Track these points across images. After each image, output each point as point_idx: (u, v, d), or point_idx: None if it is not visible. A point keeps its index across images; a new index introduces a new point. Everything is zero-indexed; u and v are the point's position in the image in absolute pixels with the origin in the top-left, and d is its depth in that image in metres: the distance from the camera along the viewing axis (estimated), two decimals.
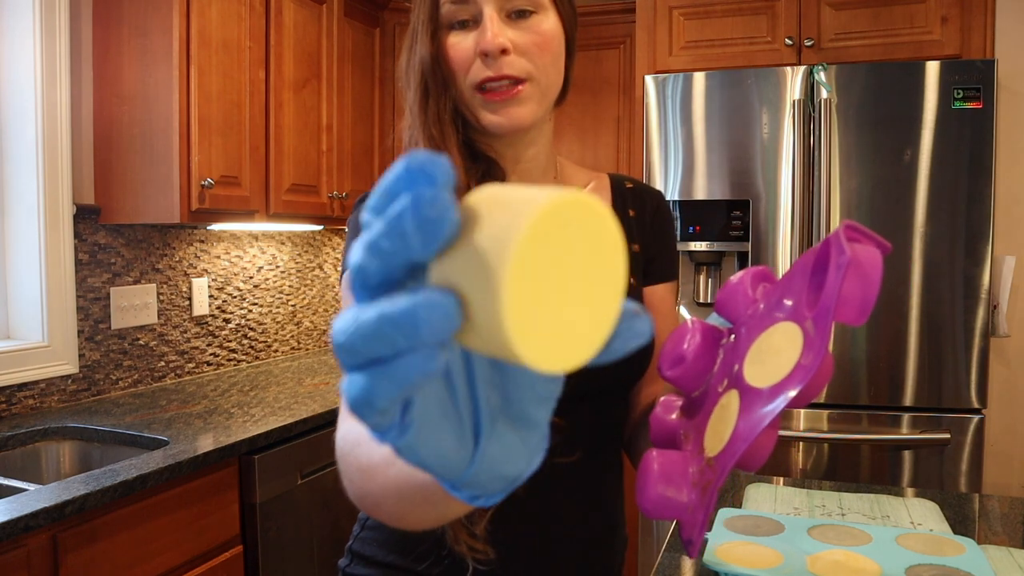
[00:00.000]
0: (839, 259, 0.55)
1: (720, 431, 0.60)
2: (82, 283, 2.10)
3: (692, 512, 0.59)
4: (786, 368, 0.58)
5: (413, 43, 0.80)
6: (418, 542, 0.84)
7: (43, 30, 1.96)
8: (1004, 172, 2.34)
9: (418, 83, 0.78)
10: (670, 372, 0.67)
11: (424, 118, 0.78)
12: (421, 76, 0.79)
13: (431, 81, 0.78)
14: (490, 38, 0.75)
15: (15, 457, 1.78)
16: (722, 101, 2.28)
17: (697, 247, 2.33)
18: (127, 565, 1.49)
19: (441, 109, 0.78)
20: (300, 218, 2.52)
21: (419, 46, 0.79)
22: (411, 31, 0.81)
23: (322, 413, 2.02)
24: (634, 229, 0.94)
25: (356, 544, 0.91)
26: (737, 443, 0.57)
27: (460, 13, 0.77)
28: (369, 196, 0.31)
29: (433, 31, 0.78)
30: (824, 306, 0.55)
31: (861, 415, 2.22)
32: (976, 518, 1.25)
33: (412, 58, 0.80)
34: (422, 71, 0.78)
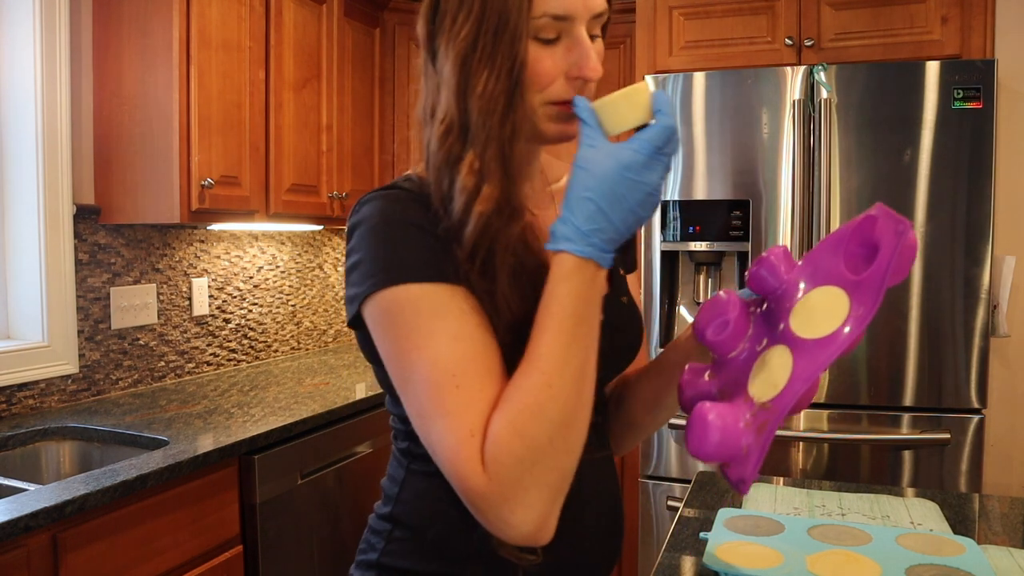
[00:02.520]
0: (898, 227, 0.72)
1: (771, 379, 0.74)
2: (82, 283, 2.10)
3: (747, 453, 0.72)
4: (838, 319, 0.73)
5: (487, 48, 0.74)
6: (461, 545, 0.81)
7: (43, 30, 1.96)
8: (1004, 172, 2.34)
9: (504, 93, 0.74)
10: (714, 337, 0.80)
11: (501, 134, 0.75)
12: (508, 88, 0.75)
13: (517, 96, 0.75)
14: (596, 67, 0.77)
15: (15, 457, 1.78)
16: (722, 101, 2.28)
17: (697, 247, 2.33)
18: (127, 565, 1.49)
19: (519, 129, 0.76)
20: (300, 218, 2.52)
21: (504, 54, 0.74)
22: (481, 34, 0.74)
23: (322, 413, 2.02)
24: None
25: (385, 557, 0.85)
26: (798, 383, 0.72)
27: (551, 30, 0.75)
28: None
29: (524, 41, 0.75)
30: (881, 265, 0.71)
31: (861, 415, 2.22)
32: (976, 518, 1.25)
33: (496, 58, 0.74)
34: (510, 83, 0.75)
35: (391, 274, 0.73)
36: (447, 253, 0.74)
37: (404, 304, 0.72)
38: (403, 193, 0.78)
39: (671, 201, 2.34)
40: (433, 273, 0.73)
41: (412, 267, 0.73)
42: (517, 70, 0.74)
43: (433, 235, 0.75)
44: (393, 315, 0.73)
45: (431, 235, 0.75)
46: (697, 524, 1.21)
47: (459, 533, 0.80)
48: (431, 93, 0.80)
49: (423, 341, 0.71)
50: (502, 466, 0.67)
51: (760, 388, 0.76)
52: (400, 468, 0.86)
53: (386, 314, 0.73)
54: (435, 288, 0.72)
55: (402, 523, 0.85)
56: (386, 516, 0.87)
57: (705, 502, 1.31)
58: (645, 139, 0.70)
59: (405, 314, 0.72)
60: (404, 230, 0.75)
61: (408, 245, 0.74)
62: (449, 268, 0.74)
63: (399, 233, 0.75)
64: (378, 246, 0.74)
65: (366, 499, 2.17)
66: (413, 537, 0.84)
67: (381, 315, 0.74)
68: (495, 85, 0.74)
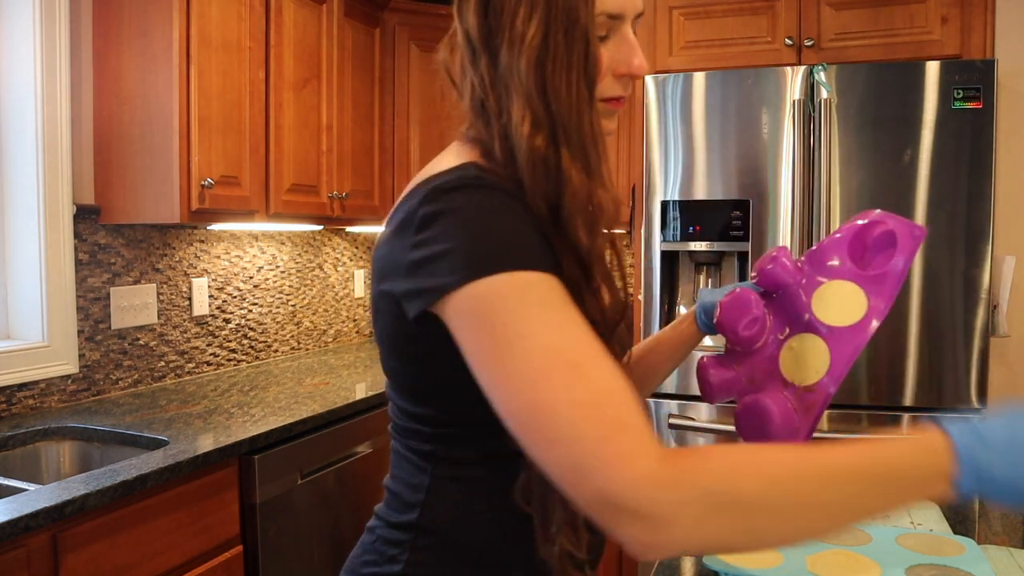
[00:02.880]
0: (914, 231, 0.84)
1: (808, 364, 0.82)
2: (82, 283, 2.10)
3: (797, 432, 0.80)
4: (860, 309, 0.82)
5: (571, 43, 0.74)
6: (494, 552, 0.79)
7: (43, 30, 1.96)
8: (1004, 172, 2.33)
9: (588, 87, 0.75)
10: (746, 332, 0.87)
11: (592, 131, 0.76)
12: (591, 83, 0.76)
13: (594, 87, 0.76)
14: (643, 63, 0.78)
15: (15, 457, 1.78)
16: (722, 101, 2.28)
17: (697, 247, 2.33)
18: (127, 565, 1.49)
19: (595, 114, 0.77)
20: (300, 218, 2.52)
21: (583, 48, 0.75)
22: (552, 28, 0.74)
23: (322, 413, 2.02)
24: None
25: (411, 568, 0.80)
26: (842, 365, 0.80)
27: (604, 28, 0.77)
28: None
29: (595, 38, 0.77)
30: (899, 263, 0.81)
31: (861, 415, 2.22)
32: (976, 518, 1.25)
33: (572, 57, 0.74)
34: (592, 77, 0.76)
35: (490, 262, 0.67)
36: (546, 244, 0.72)
37: (508, 292, 0.66)
38: (493, 180, 0.73)
39: (671, 201, 2.34)
40: (536, 261, 0.69)
41: (514, 254, 0.68)
42: (592, 68, 0.75)
43: (532, 224, 0.71)
44: (494, 305, 0.66)
45: (530, 224, 0.71)
46: None
47: (493, 539, 0.79)
48: (489, 88, 0.77)
49: (533, 330, 0.65)
50: (683, 482, 0.59)
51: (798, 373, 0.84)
52: (421, 473, 0.81)
53: (485, 305, 0.67)
54: (542, 277, 0.68)
55: (428, 531, 0.80)
56: (407, 524, 0.81)
57: None
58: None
59: (509, 302, 0.66)
60: (502, 219, 0.70)
61: (508, 232, 0.69)
62: (550, 259, 0.71)
63: (498, 222, 0.70)
64: (474, 235, 0.68)
65: (366, 499, 2.17)
66: (442, 545, 0.80)
67: (477, 306, 0.67)
68: (577, 84, 0.74)
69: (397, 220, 0.74)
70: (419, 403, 0.80)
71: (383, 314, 0.77)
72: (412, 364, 0.77)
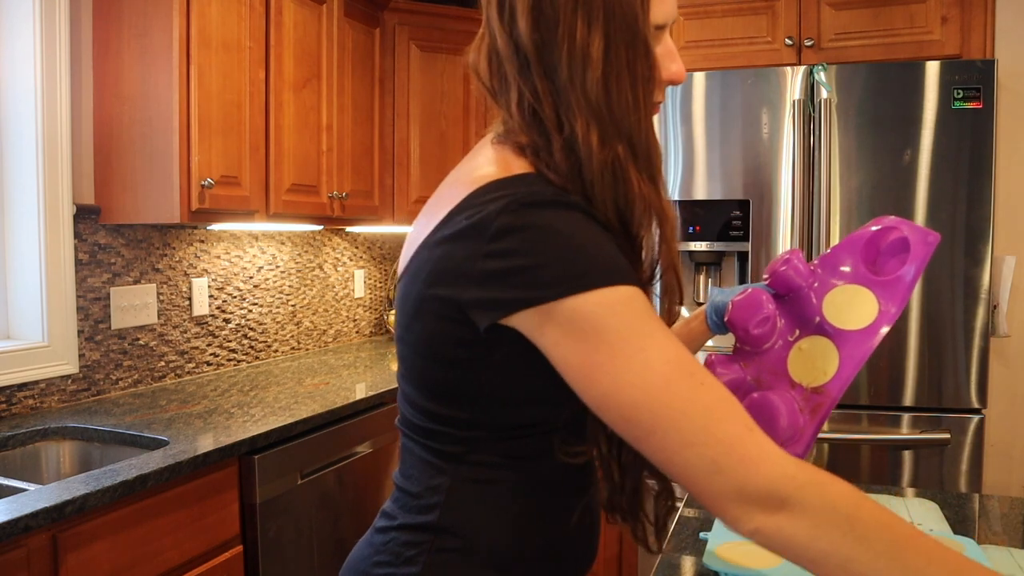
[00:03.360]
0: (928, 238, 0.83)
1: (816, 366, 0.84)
2: (82, 283, 2.10)
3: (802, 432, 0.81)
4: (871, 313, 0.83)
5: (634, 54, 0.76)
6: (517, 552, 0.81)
7: (43, 30, 1.96)
8: (1004, 172, 2.34)
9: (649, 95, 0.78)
10: (757, 331, 0.88)
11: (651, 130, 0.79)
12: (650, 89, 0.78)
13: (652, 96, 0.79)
14: (683, 70, 0.81)
15: (15, 457, 1.78)
16: (722, 101, 2.28)
17: (697, 247, 2.33)
18: (127, 565, 1.49)
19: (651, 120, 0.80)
20: (300, 218, 2.52)
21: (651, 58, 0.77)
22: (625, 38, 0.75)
23: (322, 413, 2.02)
24: None
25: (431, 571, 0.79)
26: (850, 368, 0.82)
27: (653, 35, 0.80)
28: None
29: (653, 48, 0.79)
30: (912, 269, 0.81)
31: (861, 415, 2.22)
32: (976, 518, 1.25)
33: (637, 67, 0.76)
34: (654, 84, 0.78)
35: (591, 278, 0.69)
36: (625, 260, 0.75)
37: (615, 306, 0.69)
38: (572, 199, 0.74)
39: (672, 201, 2.34)
40: (630, 276, 0.73)
41: (613, 270, 0.71)
42: (655, 79, 0.78)
43: (611, 239, 0.75)
44: (599, 319, 0.69)
45: (610, 239, 0.75)
46: (697, 524, 1.21)
47: (514, 542, 0.80)
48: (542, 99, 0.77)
49: (645, 342, 0.69)
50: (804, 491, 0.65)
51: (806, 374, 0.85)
52: (440, 474, 0.81)
53: (588, 319, 0.69)
54: (636, 291, 0.72)
55: (450, 532, 0.80)
56: (425, 526, 0.81)
57: None
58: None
59: (617, 316, 0.69)
60: (592, 235, 0.72)
61: (602, 249, 0.72)
62: (634, 274, 0.74)
63: (590, 238, 0.72)
64: (569, 251, 0.70)
65: (366, 499, 2.17)
66: (465, 547, 0.79)
67: (578, 321, 0.69)
68: (642, 96, 0.77)
69: (462, 225, 0.73)
70: (450, 406, 0.79)
71: (429, 316, 0.76)
72: (456, 369, 0.77)
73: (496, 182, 0.75)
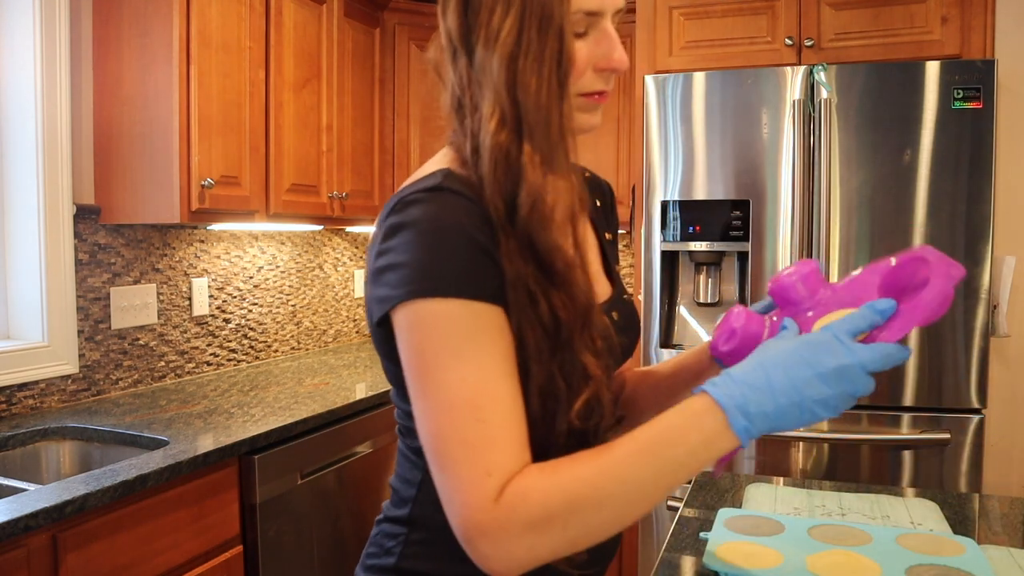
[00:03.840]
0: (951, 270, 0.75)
1: None
2: (82, 283, 2.10)
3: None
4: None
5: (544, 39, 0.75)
6: None
7: (43, 30, 1.96)
8: (1004, 172, 2.33)
9: (559, 83, 0.76)
10: (725, 347, 0.83)
11: (562, 124, 0.77)
12: (562, 78, 0.76)
13: (567, 80, 0.77)
14: (623, 58, 0.79)
15: (15, 457, 1.78)
16: (722, 101, 2.28)
17: (697, 247, 2.33)
18: (127, 565, 1.49)
19: (568, 108, 0.78)
20: (300, 218, 2.52)
21: (554, 44, 0.75)
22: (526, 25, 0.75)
23: (322, 413, 2.02)
24: (602, 219, 1.00)
25: (404, 561, 0.83)
26: None
27: (582, 24, 0.77)
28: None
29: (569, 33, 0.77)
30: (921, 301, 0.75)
31: (861, 415, 2.22)
32: (976, 518, 1.25)
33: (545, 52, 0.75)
34: (562, 72, 0.76)
35: (433, 284, 0.70)
36: (493, 267, 0.73)
37: (440, 319, 0.70)
38: (455, 198, 0.74)
39: (671, 201, 2.34)
40: (476, 290, 0.71)
41: (455, 281, 0.71)
42: (566, 64, 0.76)
43: (481, 247, 0.72)
44: (426, 327, 0.71)
45: (480, 246, 0.72)
46: (697, 524, 1.21)
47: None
48: (466, 86, 0.78)
49: (452, 363, 0.70)
50: (512, 519, 0.67)
51: None
52: (415, 469, 0.84)
53: (419, 324, 0.71)
54: (474, 307, 0.71)
55: (421, 525, 0.83)
56: (402, 519, 0.84)
57: (705, 502, 1.31)
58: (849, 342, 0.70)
59: (439, 329, 0.70)
60: (453, 239, 0.72)
61: (455, 256, 0.71)
62: (492, 285, 0.72)
63: (447, 242, 0.72)
64: (424, 252, 0.71)
65: (366, 499, 2.17)
66: (434, 540, 0.82)
67: (413, 324, 0.71)
68: (548, 79, 0.75)
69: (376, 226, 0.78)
70: (407, 401, 0.81)
71: (372, 317, 0.79)
72: (395, 364, 0.79)
73: (412, 183, 0.78)
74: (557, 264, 0.75)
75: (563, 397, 0.75)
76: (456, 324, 0.70)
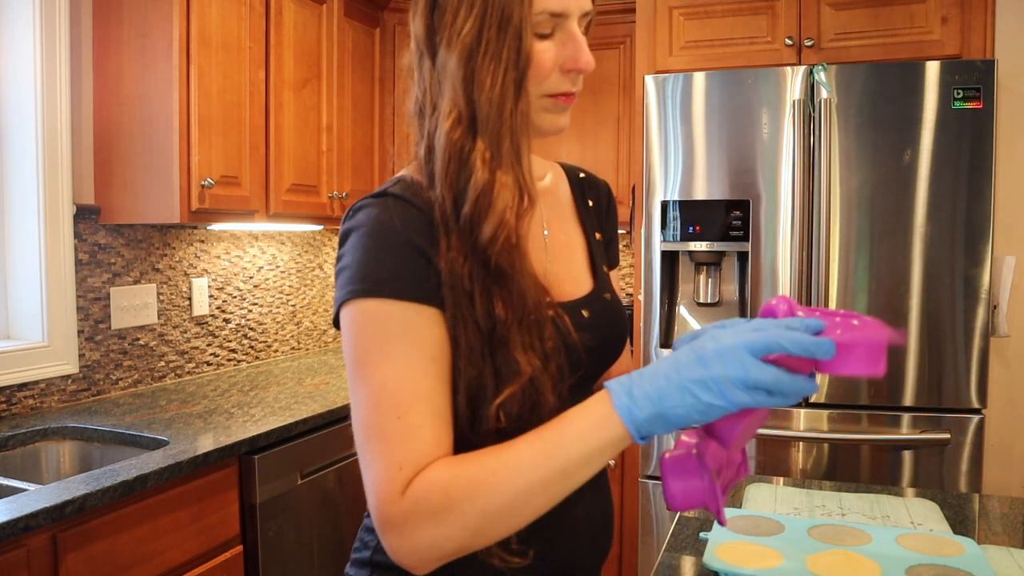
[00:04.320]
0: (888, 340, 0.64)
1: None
2: (82, 283, 2.10)
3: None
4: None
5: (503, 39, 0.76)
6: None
7: (43, 30, 1.96)
8: (1004, 172, 2.34)
9: (514, 84, 0.77)
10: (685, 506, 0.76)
11: (512, 123, 0.78)
12: (518, 78, 0.77)
13: (522, 86, 0.78)
14: (589, 60, 0.79)
15: (15, 457, 1.78)
16: (722, 101, 2.28)
17: (697, 247, 2.33)
18: (127, 565, 1.49)
19: (524, 116, 0.79)
20: (300, 218, 2.52)
21: (511, 47, 0.76)
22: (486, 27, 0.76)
23: (322, 413, 2.02)
24: (594, 219, 1.00)
25: (378, 555, 0.86)
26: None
27: (547, 26, 0.78)
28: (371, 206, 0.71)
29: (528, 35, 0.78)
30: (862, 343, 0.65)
31: (861, 415, 2.22)
32: (976, 518, 1.25)
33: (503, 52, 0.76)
34: (519, 73, 0.77)
35: (368, 285, 0.74)
36: (429, 269, 0.75)
37: (372, 318, 0.74)
38: (395, 201, 0.78)
39: (671, 201, 2.34)
40: (409, 291, 0.74)
41: (389, 282, 0.74)
42: (523, 63, 0.77)
43: (418, 249, 0.75)
44: (360, 326, 0.74)
45: (417, 249, 0.75)
46: (697, 524, 1.21)
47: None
48: (428, 88, 0.81)
49: (380, 360, 0.73)
50: (415, 510, 0.69)
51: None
52: None
53: (354, 324, 0.75)
54: (406, 308, 0.74)
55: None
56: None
57: None
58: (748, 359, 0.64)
59: (371, 328, 0.74)
60: (390, 242, 0.75)
61: (391, 258, 0.75)
62: (427, 286, 0.75)
63: (385, 245, 0.75)
64: (363, 255, 0.75)
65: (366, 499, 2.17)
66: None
67: (350, 323, 0.75)
68: (503, 78, 0.76)
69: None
70: None
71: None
72: None
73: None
74: (497, 259, 0.76)
75: (491, 395, 0.76)
76: (387, 323, 0.73)
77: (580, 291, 0.90)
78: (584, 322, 0.85)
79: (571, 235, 0.95)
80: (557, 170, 1.00)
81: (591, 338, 0.84)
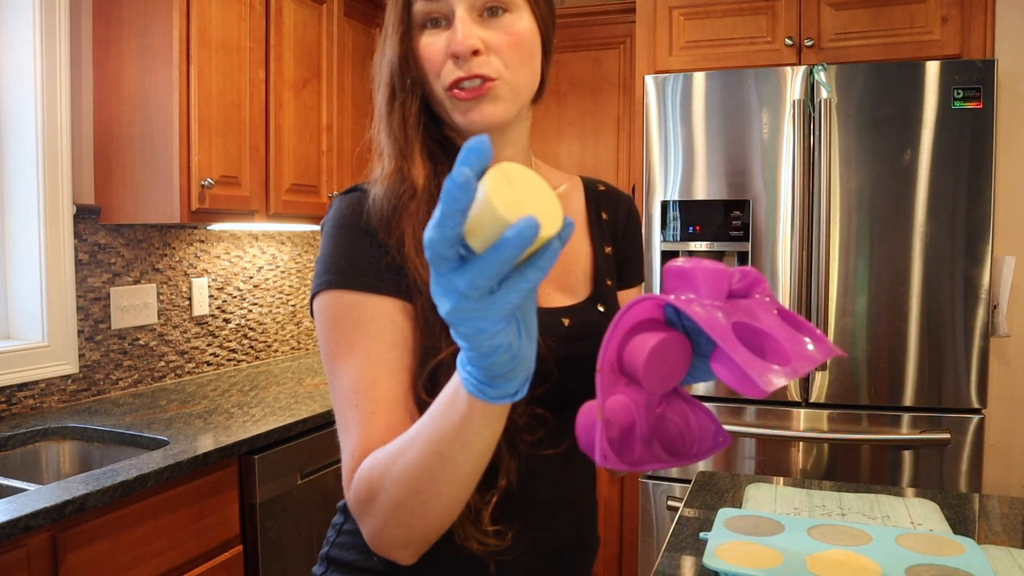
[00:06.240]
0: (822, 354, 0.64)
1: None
2: (82, 283, 2.10)
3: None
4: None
5: (383, 43, 0.81)
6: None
7: (43, 30, 1.96)
8: (1004, 172, 2.34)
9: (386, 84, 0.81)
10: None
11: (389, 120, 0.81)
12: (389, 78, 0.80)
13: (398, 83, 0.80)
14: (460, 39, 0.75)
15: (15, 457, 1.78)
16: (722, 101, 2.28)
17: (697, 247, 2.33)
18: (127, 565, 1.49)
19: (407, 112, 0.80)
20: (300, 218, 2.52)
21: (388, 47, 0.80)
22: (383, 31, 0.82)
23: (322, 413, 2.02)
24: (606, 232, 0.97)
25: (334, 550, 0.86)
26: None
27: (432, 12, 0.78)
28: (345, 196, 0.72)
29: (404, 31, 0.79)
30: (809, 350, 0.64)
31: (861, 415, 2.22)
32: (976, 518, 1.25)
33: (381, 59, 0.81)
34: (390, 73, 0.80)
35: (330, 277, 0.76)
36: (386, 260, 0.76)
37: (335, 310, 0.76)
38: (359, 195, 0.81)
39: (671, 201, 2.34)
40: (366, 282, 0.75)
41: (348, 273, 0.76)
42: (394, 57, 0.79)
43: (376, 242, 0.77)
44: (326, 318, 0.76)
45: (375, 242, 0.77)
46: (697, 524, 1.21)
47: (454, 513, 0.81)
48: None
49: (343, 351, 0.75)
50: (356, 500, 0.70)
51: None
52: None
53: (321, 315, 0.77)
54: (364, 299, 0.75)
55: (349, 515, 0.86)
56: (341, 508, 0.89)
57: (705, 502, 1.31)
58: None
59: (335, 320, 0.76)
60: (350, 234, 0.77)
61: (349, 250, 0.77)
62: (385, 277, 0.76)
63: (345, 237, 0.77)
64: (328, 248, 0.78)
65: None
66: (358, 531, 0.82)
67: (318, 316, 0.77)
68: (386, 74, 0.81)
69: None
70: None
71: None
72: None
73: None
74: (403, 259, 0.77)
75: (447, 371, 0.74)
76: (347, 314, 0.75)
77: (570, 300, 0.88)
78: (562, 330, 0.82)
79: (574, 245, 0.93)
80: (575, 181, 0.99)
81: (566, 347, 0.80)
